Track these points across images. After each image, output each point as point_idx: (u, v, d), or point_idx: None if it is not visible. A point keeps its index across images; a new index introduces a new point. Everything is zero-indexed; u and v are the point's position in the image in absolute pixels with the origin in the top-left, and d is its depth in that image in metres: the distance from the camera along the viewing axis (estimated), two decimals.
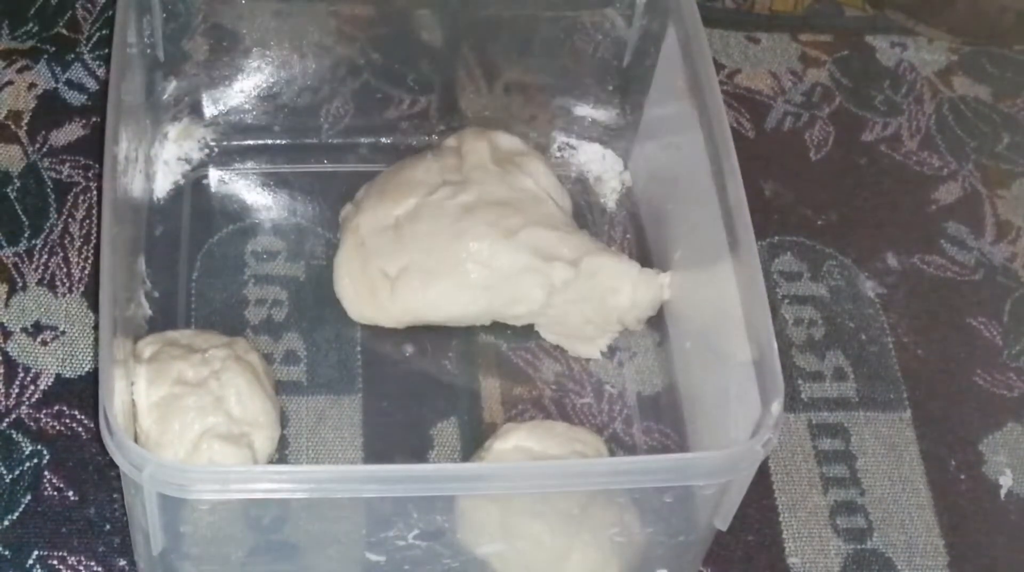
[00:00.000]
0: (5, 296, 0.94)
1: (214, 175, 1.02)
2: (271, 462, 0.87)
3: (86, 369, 0.91)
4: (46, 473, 0.87)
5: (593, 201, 1.03)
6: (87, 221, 0.98)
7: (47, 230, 0.97)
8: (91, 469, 0.87)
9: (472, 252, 0.91)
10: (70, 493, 0.86)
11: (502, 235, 0.91)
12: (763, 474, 0.90)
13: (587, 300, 0.92)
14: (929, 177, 1.07)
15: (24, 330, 0.92)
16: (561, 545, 0.82)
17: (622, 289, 0.92)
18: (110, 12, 1.06)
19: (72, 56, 1.06)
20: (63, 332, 0.93)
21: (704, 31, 0.90)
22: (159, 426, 0.83)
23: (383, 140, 1.04)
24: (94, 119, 1.03)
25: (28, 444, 0.88)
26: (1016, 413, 0.95)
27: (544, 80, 1.04)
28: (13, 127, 1.02)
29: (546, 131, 1.04)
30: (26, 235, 0.97)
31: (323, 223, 1.00)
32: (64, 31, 1.08)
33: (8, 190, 0.99)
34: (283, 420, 0.89)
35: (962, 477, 0.92)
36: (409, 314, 0.92)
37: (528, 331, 0.95)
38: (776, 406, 0.75)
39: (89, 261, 0.96)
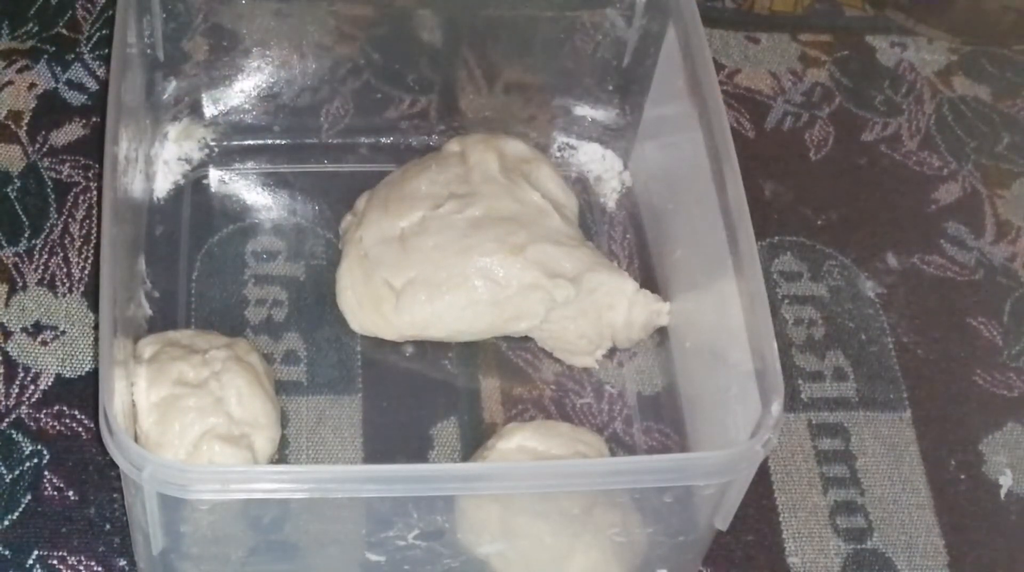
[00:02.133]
0: (5, 296, 0.94)
1: (214, 175, 1.02)
2: (271, 463, 0.87)
3: (86, 369, 0.91)
4: (46, 473, 0.87)
5: (593, 201, 1.03)
6: (87, 221, 0.98)
7: (47, 230, 0.97)
8: (91, 469, 0.87)
9: (480, 267, 0.91)
10: (70, 493, 0.86)
11: (510, 251, 0.91)
12: (763, 474, 0.90)
13: (584, 315, 0.92)
14: (929, 177, 1.07)
15: (24, 330, 0.92)
16: (562, 545, 0.82)
17: (618, 306, 0.92)
18: (110, 12, 1.06)
19: (72, 56, 1.06)
20: (63, 332, 0.93)
21: (704, 31, 0.90)
22: (159, 427, 0.83)
23: (383, 140, 1.04)
24: (94, 119, 1.03)
25: (28, 444, 0.88)
26: (1016, 413, 0.95)
27: (544, 80, 1.04)
28: (13, 127, 1.02)
29: (546, 131, 1.04)
30: (26, 235, 0.97)
31: (323, 223, 1.00)
32: (64, 31, 1.08)
33: (8, 190, 0.99)
34: (283, 420, 0.89)
35: (962, 477, 0.92)
36: (413, 327, 0.92)
37: None
38: (776, 406, 0.75)
39: (89, 261, 0.96)
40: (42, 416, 0.89)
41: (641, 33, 0.98)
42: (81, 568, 0.84)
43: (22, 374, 0.91)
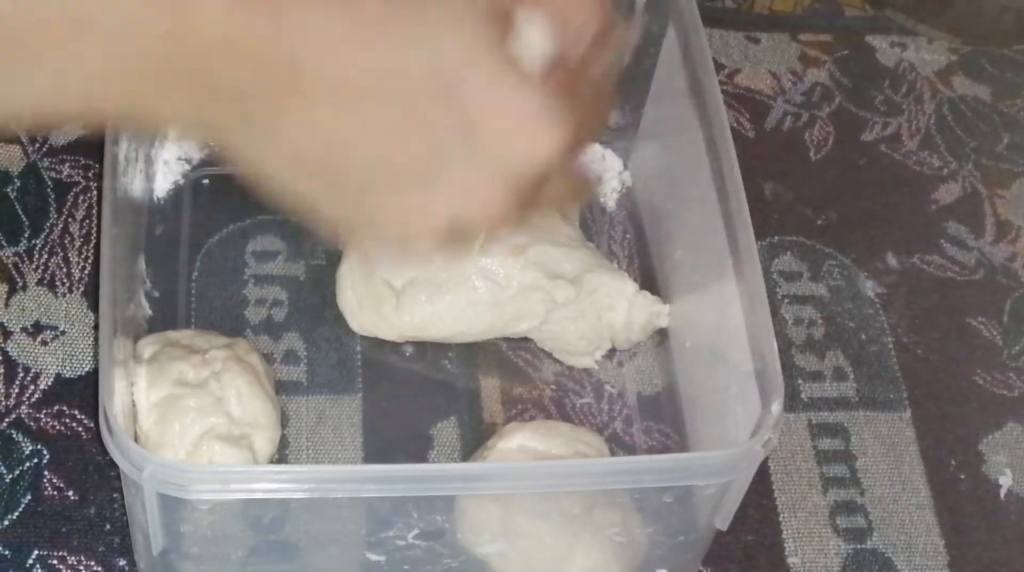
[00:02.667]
0: (5, 296, 0.94)
1: (214, 175, 1.02)
2: (271, 463, 0.87)
3: (86, 369, 0.91)
4: (46, 473, 0.87)
5: (593, 201, 1.03)
6: (87, 221, 0.98)
7: (47, 230, 0.97)
8: (91, 469, 0.87)
9: (480, 268, 0.91)
10: (70, 493, 0.86)
11: (511, 252, 0.91)
12: (763, 474, 0.90)
13: (584, 316, 0.92)
14: (929, 177, 1.07)
15: (24, 330, 0.92)
16: (562, 545, 0.81)
17: (618, 307, 0.92)
18: None
19: None
20: (63, 332, 0.93)
21: (704, 31, 0.90)
22: (159, 427, 0.83)
23: None
24: None
25: (28, 444, 0.88)
26: (1016, 413, 0.95)
27: None
28: (13, 127, 1.02)
29: None
30: (26, 235, 0.97)
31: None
32: None
33: (8, 190, 0.99)
34: (283, 420, 0.89)
35: (962, 477, 0.92)
36: (413, 327, 0.92)
37: None
38: (776, 406, 0.75)
39: (89, 261, 0.96)
40: (42, 416, 0.89)
41: (641, 33, 0.98)
42: (81, 568, 0.84)
43: (22, 374, 0.91)
